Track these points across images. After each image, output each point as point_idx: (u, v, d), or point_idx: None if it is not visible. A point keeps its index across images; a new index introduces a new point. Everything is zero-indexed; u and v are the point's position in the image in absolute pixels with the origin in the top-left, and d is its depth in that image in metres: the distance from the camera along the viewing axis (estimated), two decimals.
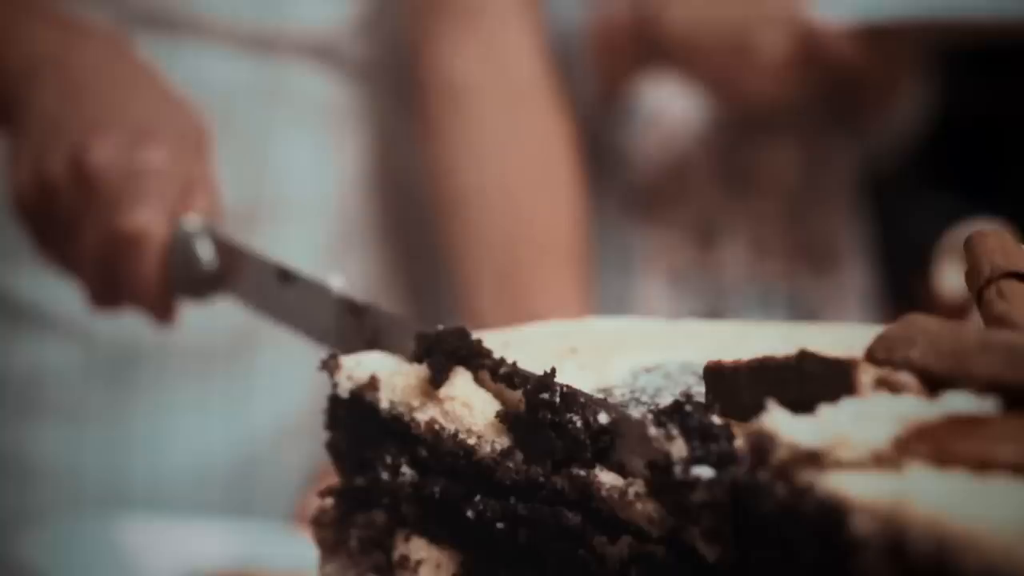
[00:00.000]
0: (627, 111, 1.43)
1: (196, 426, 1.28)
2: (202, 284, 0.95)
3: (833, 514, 0.46)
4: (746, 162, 1.43)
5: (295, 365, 1.29)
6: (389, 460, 0.68)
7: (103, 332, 1.26)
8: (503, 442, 0.63)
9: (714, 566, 0.55)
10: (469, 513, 0.64)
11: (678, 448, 0.55)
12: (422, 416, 0.66)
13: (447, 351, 0.67)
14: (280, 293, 0.88)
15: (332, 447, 0.72)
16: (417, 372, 0.68)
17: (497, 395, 0.66)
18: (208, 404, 1.28)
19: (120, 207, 0.95)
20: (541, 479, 0.61)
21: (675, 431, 0.55)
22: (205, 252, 0.94)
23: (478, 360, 0.67)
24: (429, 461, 0.66)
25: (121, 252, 0.95)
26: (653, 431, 0.57)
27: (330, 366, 0.70)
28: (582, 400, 0.61)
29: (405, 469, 0.67)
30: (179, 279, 0.96)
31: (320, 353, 0.73)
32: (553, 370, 0.63)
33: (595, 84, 1.41)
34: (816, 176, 1.46)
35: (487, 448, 0.64)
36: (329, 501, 0.72)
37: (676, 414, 0.56)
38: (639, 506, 0.58)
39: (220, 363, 1.29)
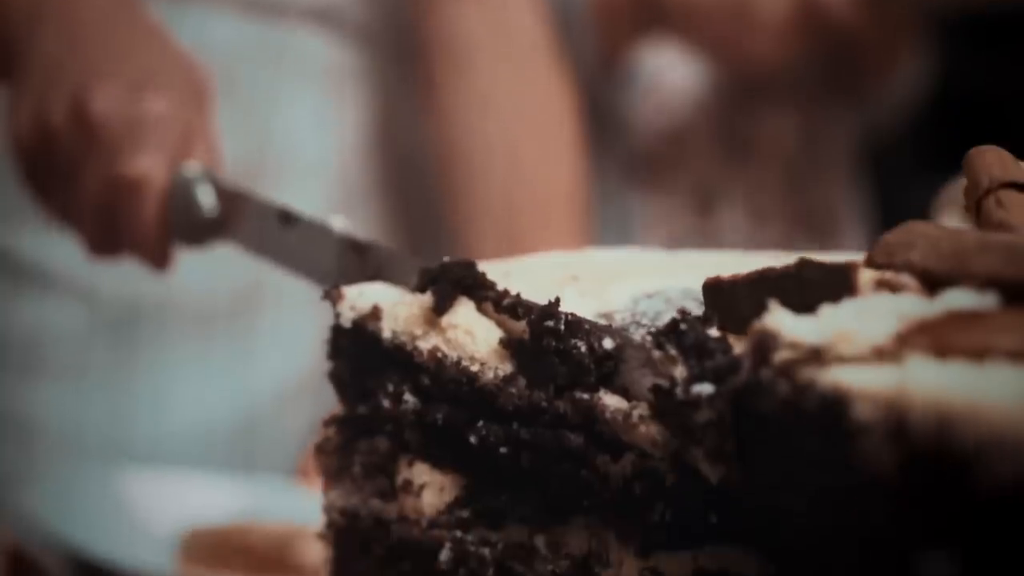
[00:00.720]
0: (627, 77, 1.43)
1: (198, 385, 1.29)
2: (202, 230, 0.95)
3: (835, 406, 0.47)
4: (746, 130, 1.43)
5: (297, 326, 1.30)
6: (391, 388, 0.69)
7: (106, 291, 1.26)
8: (506, 368, 0.64)
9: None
10: (472, 439, 0.65)
11: (680, 371, 0.56)
12: (424, 345, 0.67)
13: (451, 280, 0.68)
14: (282, 236, 0.88)
15: (334, 377, 0.72)
16: (419, 302, 0.68)
17: (500, 324, 0.67)
18: (210, 364, 1.29)
19: (121, 153, 0.95)
20: (544, 404, 0.62)
21: (674, 351, 0.56)
22: (206, 198, 0.94)
23: (482, 291, 0.67)
24: (432, 389, 0.67)
25: (121, 198, 0.95)
26: (657, 354, 0.57)
27: (333, 296, 0.71)
28: (586, 327, 0.62)
29: (408, 397, 0.68)
30: (179, 226, 0.96)
31: (322, 306, 0.74)
32: (557, 299, 0.63)
33: (595, 50, 1.42)
34: (815, 144, 1.46)
35: (490, 375, 0.64)
36: (332, 429, 0.72)
37: (672, 333, 0.57)
38: (643, 428, 0.58)
39: (222, 323, 1.29)
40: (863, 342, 0.48)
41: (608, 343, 0.61)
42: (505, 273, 0.72)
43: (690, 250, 0.73)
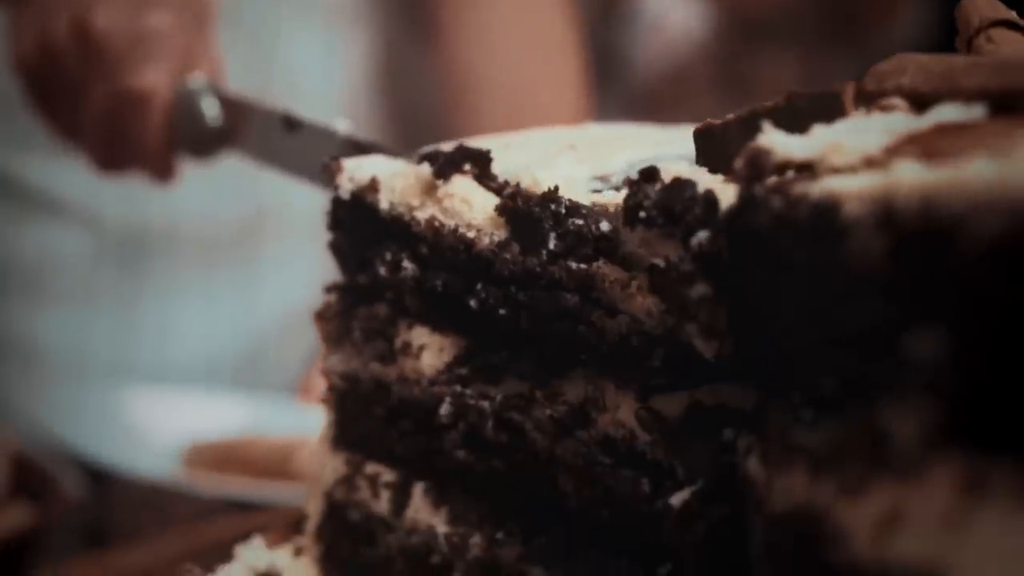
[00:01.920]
0: (630, 17, 1.44)
1: (202, 311, 1.30)
2: (208, 141, 0.96)
3: (826, 211, 0.47)
4: (746, 71, 1.44)
5: (300, 257, 1.31)
6: (389, 257, 0.70)
7: (111, 218, 1.27)
8: (501, 234, 0.65)
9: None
10: (471, 302, 0.66)
11: (674, 251, 0.57)
12: (422, 214, 0.68)
13: (451, 159, 0.69)
14: (286, 141, 0.89)
15: (334, 247, 0.73)
16: (417, 172, 0.69)
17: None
18: (214, 291, 1.30)
19: (125, 68, 0.96)
20: (538, 269, 0.63)
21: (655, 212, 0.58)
22: (210, 109, 0.96)
23: (484, 180, 0.68)
24: (429, 257, 0.68)
25: (126, 112, 0.96)
26: (653, 233, 0.58)
27: (331, 169, 0.72)
28: (583, 211, 0.63)
29: (406, 264, 0.69)
30: (184, 138, 0.97)
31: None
32: (557, 187, 0.64)
33: None
34: (814, 87, 1.46)
35: (486, 240, 0.65)
36: (332, 296, 0.73)
37: (648, 182, 0.58)
38: (639, 299, 0.59)
39: (225, 252, 1.30)
40: (854, 153, 0.49)
41: (604, 226, 0.62)
42: (505, 145, 0.73)
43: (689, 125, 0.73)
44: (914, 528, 0.41)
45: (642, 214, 0.59)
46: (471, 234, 0.66)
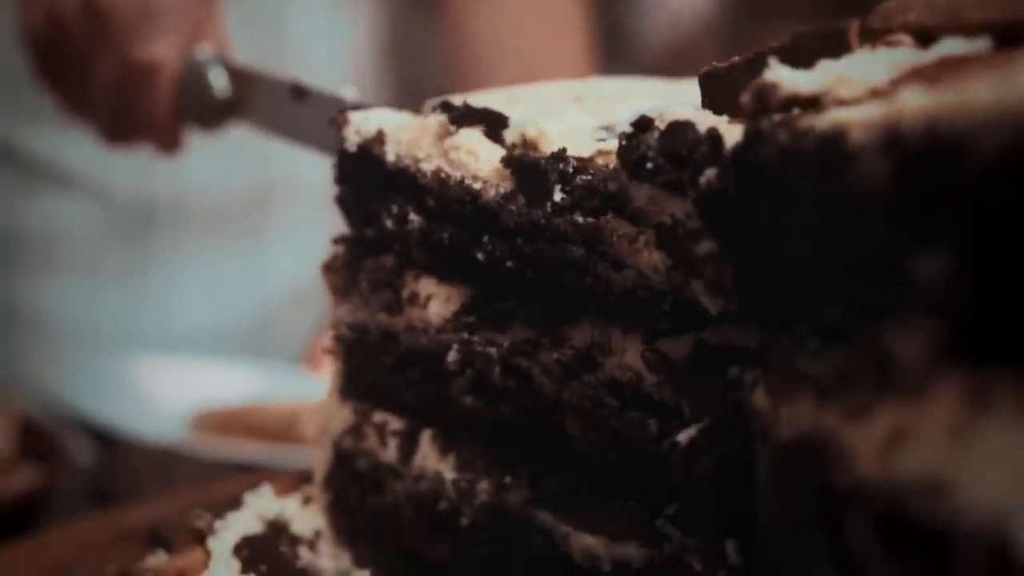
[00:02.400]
0: None
1: (210, 283, 1.30)
2: (216, 112, 0.96)
3: (832, 140, 0.48)
4: (753, 45, 1.44)
5: (307, 228, 1.31)
6: (396, 210, 0.70)
7: (119, 191, 1.28)
8: (507, 186, 0.65)
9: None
10: (478, 255, 0.66)
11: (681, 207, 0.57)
12: (428, 166, 0.68)
13: (468, 113, 0.69)
14: (294, 110, 0.90)
15: (341, 201, 0.73)
16: (423, 125, 0.69)
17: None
18: (222, 263, 1.31)
19: (133, 40, 0.96)
20: (543, 221, 0.63)
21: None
22: (218, 80, 0.96)
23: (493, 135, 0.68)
24: (436, 209, 0.68)
25: (134, 83, 0.97)
26: (660, 192, 0.59)
27: (338, 122, 0.72)
28: (591, 170, 0.63)
29: (413, 217, 0.69)
30: (193, 109, 0.97)
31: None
32: (564, 149, 0.64)
33: None
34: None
35: (492, 192, 0.65)
36: (339, 248, 0.74)
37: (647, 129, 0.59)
38: (646, 254, 0.59)
39: (233, 224, 1.31)
40: (859, 85, 0.49)
41: (612, 186, 0.62)
42: (512, 98, 0.73)
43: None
44: (919, 445, 0.41)
45: (648, 165, 0.59)
46: (477, 186, 0.66)
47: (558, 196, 0.63)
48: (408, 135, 0.70)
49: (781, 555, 0.48)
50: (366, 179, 0.72)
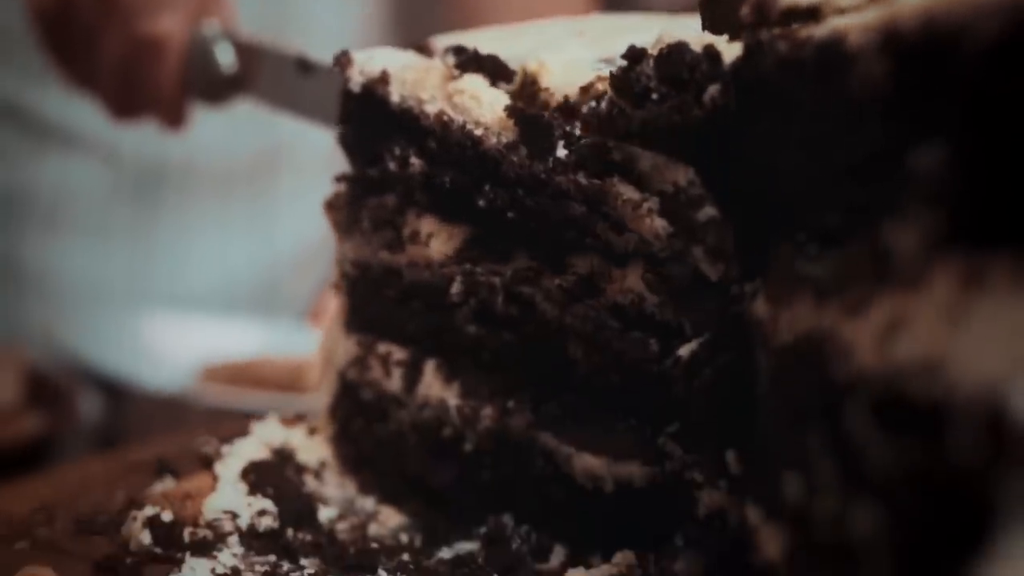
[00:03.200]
0: None
1: (218, 244, 1.31)
2: (222, 87, 0.97)
3: (831, 46, 0.48)
4: None
5: (315, 190, 1.31)
6: (398, 152, 0.70)
7: (128, 152, 1.29)
8: (509, 136, 0.64)
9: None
10: (480, 202, 0.66)
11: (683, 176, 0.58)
12: (431, 108, 0.68)
13: (476, 59, 0.69)
14: (300, 85, 0.90)
15: (344, 140, 0.74)
16: (428, 66, 0.70)
17: None
18: (230, 224, 1.31)
19: (139, 15, 0.97)
20: (543, 176, 0.63)
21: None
22: (224, 55, 0.97)
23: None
24: (437, 152, 0.68)
25: (141, 58, 0.98)
26: (663, 160, 0.59)
27: (342, 62, 0.72)
28: (596, 117, 0.63)
29: (414, 160, 0.69)
30: (199, 83, 0.98)
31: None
32: (568, 100, 0.63)
33: None
34: None
35: (493, 140, 0.65)
36: (342, 185, 0.74)
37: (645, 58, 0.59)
38: (648, 221, 0.60)
39: (241, 186, 1.31)
40: None
41: (616, 155, 0.62)
42: (516, 33, 0.74)
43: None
44: (915, 330, 0.42)
45: (652, 95, 0.59)
46: (478, 132, 0.66)
47: (561, 152, 0.63)
48: (412, 76, 0.70)
49: (780, 454, 0.49)
50: (369, 119, 0.72)
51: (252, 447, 0.71)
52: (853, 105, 0.48)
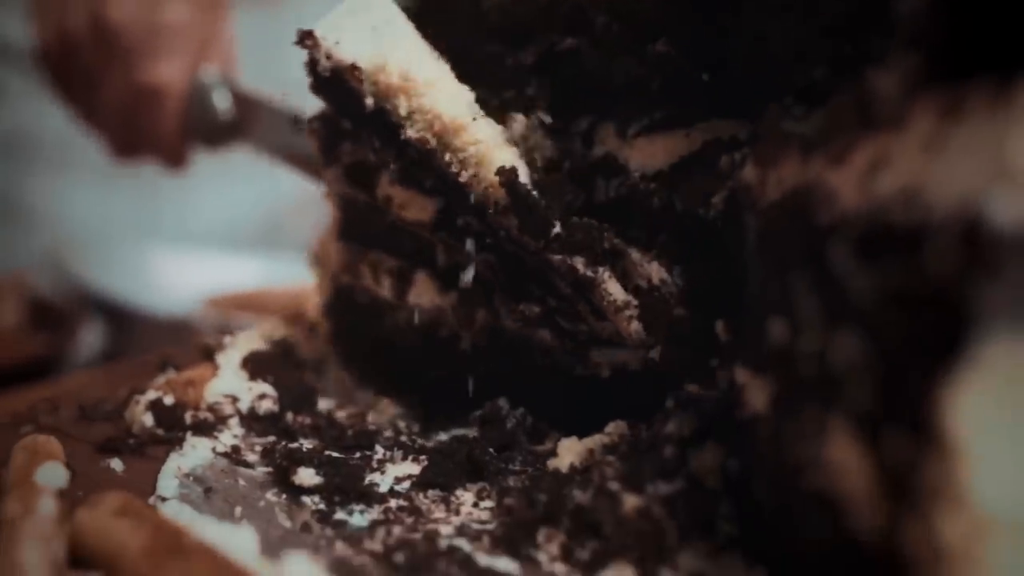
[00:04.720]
0: None
1: (222, 187, 1.32)
2: (219, 133, 0.98)
3: None
4: None
5: None
6: (377, 145, 0.65)
7: None
8: (501, 201, 0.62)
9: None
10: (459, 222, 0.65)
11: None
12: (412, 133, 0.63)
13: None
14: (294, 139, 0.90)
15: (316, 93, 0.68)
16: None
17: None
18: (233, 171, 1.32)
19: (140, 61, 0.98)
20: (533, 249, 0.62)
21: None
22: (222, 102, 0.98)
23: None
24: (417, 164, 0.64)
25: (142, 104, 0.98)
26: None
27: (308, 44, 0.65)
28: None
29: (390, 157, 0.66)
30: (197, 128, 0.99)
31: None
32: None
33: None
34: None
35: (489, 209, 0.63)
36: (317, 124, 0.71)
37: None
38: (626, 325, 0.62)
39: None
40: None
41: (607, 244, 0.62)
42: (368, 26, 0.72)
43: None
44: (896, 164, 0.43)
45: None
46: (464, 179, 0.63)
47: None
48: (384, 80, 0.63)
49: (767, 304, 0.50)
50: (343, 102, 0.66)
51: (253, 339, 0.72)
52: None
